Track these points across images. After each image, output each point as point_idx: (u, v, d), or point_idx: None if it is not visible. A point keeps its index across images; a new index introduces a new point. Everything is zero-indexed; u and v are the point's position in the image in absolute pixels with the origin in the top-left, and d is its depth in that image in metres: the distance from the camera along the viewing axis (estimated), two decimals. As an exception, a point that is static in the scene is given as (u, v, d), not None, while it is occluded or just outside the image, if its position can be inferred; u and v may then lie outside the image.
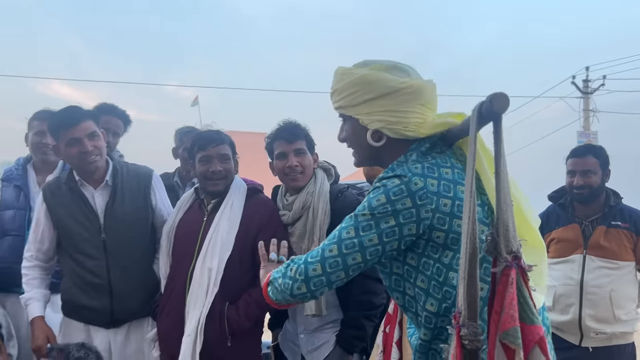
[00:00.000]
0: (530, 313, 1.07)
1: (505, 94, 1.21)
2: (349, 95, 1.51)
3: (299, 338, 2.55)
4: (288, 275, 1.49)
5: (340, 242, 1.41)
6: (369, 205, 1.40)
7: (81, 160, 2.53)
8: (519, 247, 1.13)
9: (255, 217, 2.47)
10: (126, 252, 2.59)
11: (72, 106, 2.63)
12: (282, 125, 2.55)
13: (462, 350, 1.08)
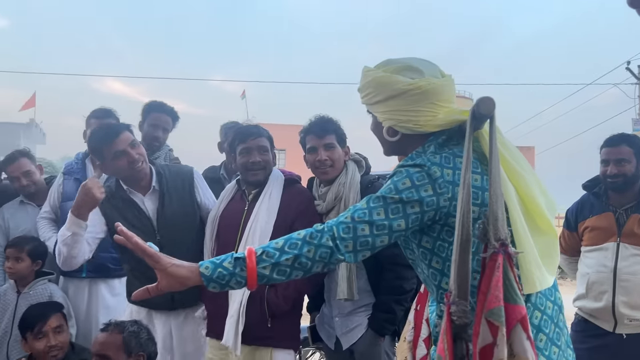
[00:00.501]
0: (515, 294, 1.18)
1: (490, 97, 1.31)
2: (367, 95, 1.63)
3: (334, 321, 2.69)
4: (304, 241, 1.43)
5: (372, 223, 1.42)
6: (396, 188, 1.44)
7: (131, 169, 2.64)
8: (507, 235, 1.23)
9: (292, 206, 2.59)
10: (180, 248, 2.68)
11: (105, 123, 2.80)
12: (313, 120, 2.68)
13: (451, 325, 1.19)
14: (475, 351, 1.15)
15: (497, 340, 1.13)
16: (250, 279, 1.39)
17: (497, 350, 1.12)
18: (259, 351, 2.53)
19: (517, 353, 1.15)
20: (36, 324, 2.69)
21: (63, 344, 2.73)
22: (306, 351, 3.72)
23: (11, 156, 3.46)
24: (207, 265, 1.41)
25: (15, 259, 3.05)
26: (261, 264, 1.39)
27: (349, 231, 1.42)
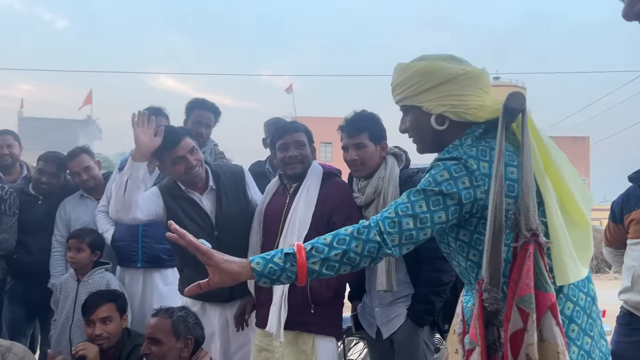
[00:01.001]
0: (545, 282, 1.19)
1: (520, 93, 1.33)
2: (412, 85, 1.59)
3: (375, 311, 2.73)
4: (352, 236, 1.45)
5: (416, 216, 1.43)
6: (435, 180, 1.45)
7: (187, 174, 2.77)
8: (537, 225, 1.24)
9: (330, 198, 2.65)
10: (236, 243, 2.79)
11: (169, 127, 2.91)
12: (347, 118, 2.71)
13: (483, 312, 1.22)
14: (506, 336, 1.17)
15: (527, 326, 1.16)
16: (300, 274, 1.41)
17: (527, 335, 1.15)
18: (302, 337, 2.60)
19: (547, 338, 1.17)
20: (87, 312, 2.85)
21: (110, 334, 2.83)
22: (350, 340, 3.77)
23: (72, 153, 3.64)
24: (258, 261, 1.43)
25: (76, 249, 3.21)
26: (311, 259, 1.41)
27: (395, 225, 1.43)
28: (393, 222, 1.43)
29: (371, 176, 2.67)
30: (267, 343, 2.69)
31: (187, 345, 2.53)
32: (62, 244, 3.60)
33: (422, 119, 1.62)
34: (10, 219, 3.49)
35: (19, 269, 3.59)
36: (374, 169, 2.67)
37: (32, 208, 3.63)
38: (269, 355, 2.68)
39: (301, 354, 2.60)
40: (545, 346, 1.18)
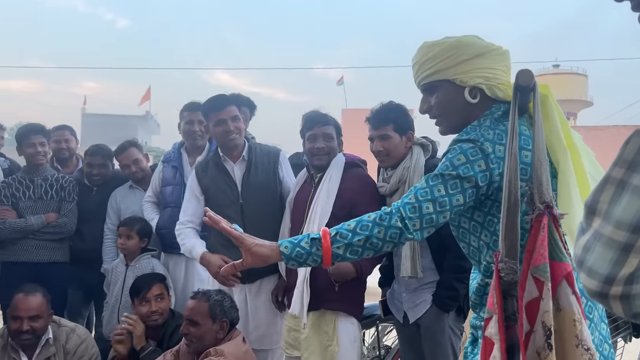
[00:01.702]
0: (560, 252, 1.18)
1: (528, 70, 1.33)
2: (445, 59, 1.53)
3: (402, 296, 2.72)
4: (374, 222, 1.46)
5: (435, 200, 1.42)
6: (452, 164, 1.44)
7: (224, 137, 2.93)
8: (551, 198, 1.23)
9: (350, 187, 2.68)
10: (259, 215, 2.92)
11: (220, 94, 3.05)
12: (372, 111, 2.71)
13: (500, 282, 1.21)
14: (521, 304, 1.16)
15: (542, 294, 1.14)
16: (325, 257, 1.44)
17: (542, 303, 1.14)
18: (325, 319, 2.63)
19: (563, 307, 1.15)
20: (141, 292, 2.93)
21: (163, 310, 2.94)
22: (384, 327, 3.76)
23: (122, 146, 3.76)
24: (287, 245, 1.46)
25: (126, 236, 3.32)
26: (335, 244, 1.44)
27: (415, 210, 1.43)
28: (413, 208, 1.43)
29: (397, 166, 2.67)
30: (295, 324, 2.73)
31: (223, 328, 2.58)
32: (113, 232, 3.71)
33: (453, 94, 1.56)
34: (69, 204, 3.62)
35: (74, 255, 3.70)
36: (400, 159, 2.66)
37: (87, 198, 3.75)
38: (297, 335, 2.72)
39: (324, 335, 2.63)
40: (562, 315, 1.16)
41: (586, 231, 0.82)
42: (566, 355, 1.14)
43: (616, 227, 0.76)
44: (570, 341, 1.14)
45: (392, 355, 3.65)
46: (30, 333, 2.82)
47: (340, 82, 32.71)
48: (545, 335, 1.12)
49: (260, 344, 2.94)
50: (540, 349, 1.14)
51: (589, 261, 0.80)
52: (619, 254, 0.77)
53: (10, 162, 4.07)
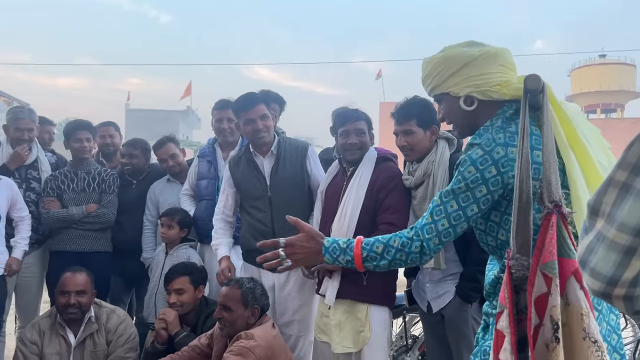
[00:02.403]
0: (568, 249, 1.18)
1: (535, 75, 1.36)
2: (437, 74, 1.61)
3: (426, 287, 2.74)
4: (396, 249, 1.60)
5: (449, 216, 1.52)
6: (463, 178, 1.50)
7: (254, 135, 3.03)
8: (560, 197, 1.23)
9: (379, 179, 2.72)
10: (287, 207, 2.97)
11: (249, 93, 3.11)
12: (397, 106, 2.71)
13: (511, 278, 1.22)
14: (531, 299, 1.17)
15: (551, 290, 1.15)
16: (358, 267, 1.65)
17: (551, 298, 1.15)
18: (357, 305, 2.68)
19: (571, 302, 1.16)
20: (166, 283, 3.09)
21: (182, 302, 3.05)
22: (412, 317, 3.77)
23: (160, 141, 3.86)
24: (328, 258, 1.67)
25: (168, 226, 3.43)
26: (365, 264, 1.63)
27: (432, 230, 1.55)
28: (430, 228, 1.55)
29: (422, 159, 2.67)
30: (326, 310, 2.78)
31: (254, 314, 2.65)
32: (152, 223, 3.83)
33: (452, 104, 1.63)
34: (109, 196, 3.75)
35: (115, 245, 3.84)
36: (425, 153, 2.67)
37: (127, 191, 3.87)
38: (327, 321, 2.78)
39: (356, 321, 2.68)
40: (570, 309, 1.18)
41: (589, 231, 0.82)
42: (574, 348, 1.16)
43: (619, 230, 0.77)
44: (578, 334, 1.16)
45: (419, 345, 3.67)
46: (77, 307, 2.98)
47: (379, 75, 32.43)
48: (553, 328, 1.14)
49: (288, 329, 3.02)
50: (549, 342, 1.15)
51: (592, 262, 0.80)
52: (622, 256, 0.77)
53: (58, 158, 4.22)
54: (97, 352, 2.99)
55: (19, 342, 2.99)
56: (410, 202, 2.71)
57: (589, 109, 50.11)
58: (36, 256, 3.74)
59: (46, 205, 3.65)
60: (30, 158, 3.75)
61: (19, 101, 5.90)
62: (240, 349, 2.44)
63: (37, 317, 3.14)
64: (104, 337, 3.03)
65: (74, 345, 2.99)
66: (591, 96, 48.81)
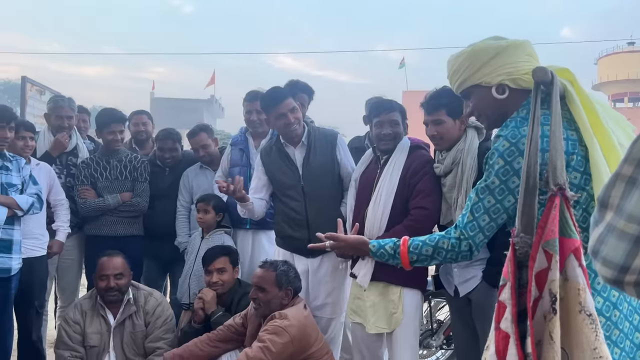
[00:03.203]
0: (569, 229, 1.37)
1: (542, 67, 1.53)
2: (467, 67, 1.77)
3: (453, 271, 2.93)
4: (447, 250, 1.80)
5: (488, 210, 1.68)
6: (495, 173, 1.65)
7: (285, 129, 3.26)
8: (565, 181, 1.42)
9: (412, 167, 2.92)
10: (319, 195, 3.24)
11: (275, 88, 3.34)
12: (426, 96, 2.88)
13: (514, 254, 1.42)
14: (531, 274, 1.36)
15: (550, 265, 1.34)
16: (406, 267, 1.93)
17: (550, 273, 1.34)
18: (390, 287, 2.90)
19: (570, 278, 1.35)
20: (207, 263, 3.34)
21: (224, 282, 3.33)
22: (437, 302, 3.99)
23: (193, 131, 4.15)
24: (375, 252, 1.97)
25: (204, 211, 3.73)
26: (413, 265, 1.90)
27: (475, 227, 1.73)
28: (473, 225, 1.74)
29: (451, 148, 2.85)
30: (360, 292, 3.01)
31: (287, 295, 2.91)
32: (186, 208, 4.13)
33: (483, 94, 1.78)
34: (142, 184, 4.06)
35: (149, 230, 4.15)
36: (454, 142, 2.82)
37: (160, 178, 4.19)
38: (361, 303, 3.01)
39: (389, 302, 2.91)
40: (568, 284, 1.35)
41: (599, 223, 0.92)
42: (570, 320, 1.34)
43: (628, 221, 0.86)
44: (574, 307, 1.33)
45: (444, 329, 3.90)
46: (116, 290, 3.29)
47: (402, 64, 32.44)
48: (551, 301, 1.33)
49: (321, 312, 3.27)
50: (546, 313, 1.34)
51: (603, 252, 0.90)
52: (632, 245, 0.86)
53: (95, 144, 4.54)
54: (136, 333, 3.29)
55: (63, 322, 3.31)
56: (441, 188, 2.90)
57: (615, 97, 49.41)
58: (75, 239, 4.10)
59: (82, 194, 3.97)
60: (70, 145, 4.09)
61: (51, 90, 6.22)
62: (275, 328, 2.70)
63: (79, 298, 3.46)
64: (142, 318, 3.32)
65: (113, 325, 3.29)
66: (618, 85, 48.62)
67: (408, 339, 2.93)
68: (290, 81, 4.00)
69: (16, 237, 3.33)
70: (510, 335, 1.36)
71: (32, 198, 3.37)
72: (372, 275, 2.91)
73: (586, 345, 1.30)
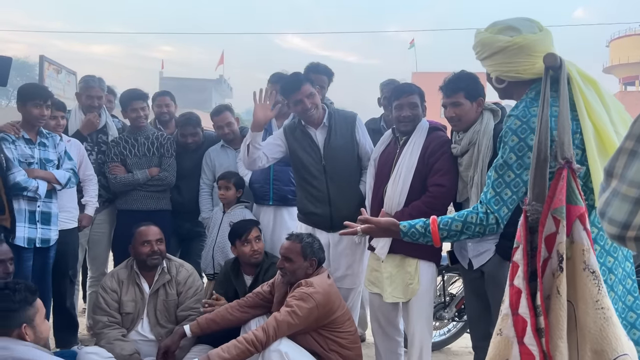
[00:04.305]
0: (575, 197, 1.59)
1: (552, 54, 1.75)
2: (478, 52, 2.03)
3: (467, 246, 3.16)
4: (475, 224, 1.96)
5: (509, 185, 1.87)
6: (510, 148, 1.84)
7: (303, 114, 3.51)
8: (572, 155, 1.64)
9: (430, 146, 3.14)
10: (339, 174, 3.49)
11: (294, 74, 3.57)
12: (445, 80, 3.07)
13: (526, 220, 1.66)
14: (541, 237, 1.60)
15: (558, 230, 1.57)
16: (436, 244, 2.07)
17: (558, 236, 1.57)
18: (407, 260, 3.15)
19: (576, 240, 1.58)
20: (243, 234, 3.56)
21: (262, 249, 3.57)
22: (450, 277, 4.24)
23: (218, 109, 4.38)
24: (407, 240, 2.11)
25: (225, 187, 3.98)
26: (444, 240, 2.06)
27: (499, 201, 1.92)
28: (497, 200, 1.92)
29: (468, 129, 3.04)
30: (377, 264, 3.26)
31: (312, 265, 3.16)
32: (209, 186, 4.37)
33: (489, 78, 2.06)
34: (168, 159, 4.31)
35: (172, 207, 4.41)
36: (471, 123, 3.01)
37: (183, 158, 4.41)
38: (378, 274, 3.25)
39: (406, 274, 3.15)
40: (575, 246, 1.58)
41: (605, 190, 1.12)
42: (575, 276, 1.57)
43: (630, 186, 1.05)
44: (579, 266, 1.57)
45: (456, 302, 4.15)
46: (158, 254, 3.54)
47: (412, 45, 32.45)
48: (559, 260, 1.56)
49: (341, 283, 3.53)
50: (554, 271, 1.58)
51: (609, 212, 1.09)
52: (632, 206, 1.05)
53: (123, 123, 4.78)
54: (169, 302, 3.54)
55: (100, 289, 3.57)
56: (457, 167, 3.12)
57: (627, 80, 48.92)
58: (106, 213, 4.38)
59: (113, 171, 4.24)
60: (100, 123, 4.34)
61: (67, 69, 6.46)
62: (302, 294, 2.96)
63: (115, 268, 3.71)
64: (175, 288, 3.57)
65: (148, 293, 3.55)
66: (630, 67, 48.15)
67: (423, 308, 3.18)
68: (310, 63, 4.20)
69: (54, 210, 3.60)
70: (522, 290, 1.60)
71: (68, 173, 3.63)
72: (390, 248, 3.16)
73: (589, 297, 1.54)
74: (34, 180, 3.39)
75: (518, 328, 1.56)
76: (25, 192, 3.36)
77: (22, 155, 3.44)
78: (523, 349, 1.53)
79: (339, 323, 3.07)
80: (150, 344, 3.47)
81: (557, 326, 1.51)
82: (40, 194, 3.41)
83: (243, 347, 2.83)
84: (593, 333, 1.51)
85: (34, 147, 3.54)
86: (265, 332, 2.88)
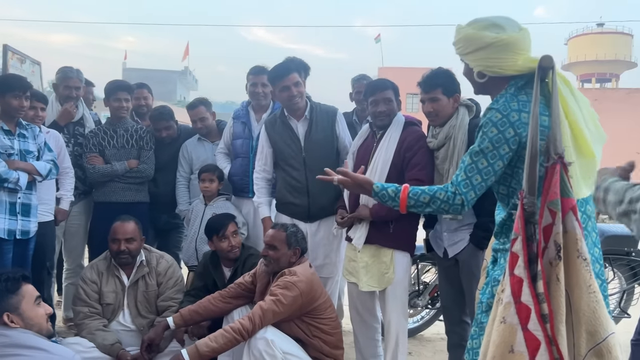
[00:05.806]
0: (568, 191, 1.64)
1: (549, 55, 1.78)
2: (460, 47, 2.02)
3: (443, 235, 3.21)
4: (442, 200, 1.99)
5: (480, 172, 1.90)
6: (488, 138, 1.87)
7: (289, 101, 3.45)
8: (563, 150, 1.69)
9: (406, 141, 3.16)
10: (318, 166, 3.40)
11: (283, 62, 3.51)
12: (423, 76, 3.10)
13: (523, 212, 1.69)
14: (540, 228, 1.63)
15: (554, 221, 1.61)
16: (402, 210, 2.08)
17: (554, 227, 1.61)
18: (383, 250, 3.17)
19: (569, 230, 1.63)
20: (220, 230, 3.48)
21: (239, 244, 3.52)
22: (424, 266, 4.30)
23: (193, 104, 4.30)
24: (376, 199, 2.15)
25: (210, 180, 3.91)
26: (410, 210, 2.07)
27: (468, 185, 1.95)
28: (466, 183, 1.95)
29: (444, 124, 3.09)
30: (354, 254, 3.27)
31: (295, 254, 3.13)
32: (185, 178, 4.28)
33: (468, 72, 2.06)
34: (147, 152, 4.20)
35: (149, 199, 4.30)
36: (447, 118, 3.07)
37: (159, 150, 4.30)
38: (355, 264, 3.26)
39: (381, 264, 3.17)
40: (568, 235, 1.63)
41: None
42: (569, 263, 1.62)
43: None
44: (573, 253, 1.62)
45: (429, 290, 4.21)
46: (127, 253, 3.42)
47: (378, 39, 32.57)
48: (556, 250, 1.60)
49: (319, 272, 3.51)
50: (552, 260, 1.62)
51: None
52: None
53: (99, 117, 4.64)
54: (149, 292, 3.45)
55: (81, 281, 3.44)
56: (434, 161, 3.16)
57: (584, 78, 49.89)
58: (82, 205, 4.23)
59: (91, 161, 4.09)
60: (77, 115, 4.19)
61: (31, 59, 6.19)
62: (286, 283, 2.93)
63: (95, 260, 3.59)
64: (155, 279, 3.48)
65: (127, 285, 3.45)
66: (587, 65, 49.06)
67: (399, 297, 3.21)
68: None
69: (34, 202, 3.45)
70: (524, 279, 1.63)
71: (49, 164, 3.48)
72: (366, 238, 3.18)
73: (583, 283, 1.59)
74: (14, 172, 3.24)
75: (522, 315, 1.59)
76: (6, 184, 3.20)
77: (2, 147, 3.27)
78: (528, 334, 1.56)
79: (321, 310, 3.06)
80: (131, 334, 3.38)
81: (558, 311, 1.55)
82: (21, 185, 3.26)
83: (230, 335, 2.80)
84: (587, 316, 1.56)
85: (14, 138, 3.38)
86: (252, 320, 2.84)
